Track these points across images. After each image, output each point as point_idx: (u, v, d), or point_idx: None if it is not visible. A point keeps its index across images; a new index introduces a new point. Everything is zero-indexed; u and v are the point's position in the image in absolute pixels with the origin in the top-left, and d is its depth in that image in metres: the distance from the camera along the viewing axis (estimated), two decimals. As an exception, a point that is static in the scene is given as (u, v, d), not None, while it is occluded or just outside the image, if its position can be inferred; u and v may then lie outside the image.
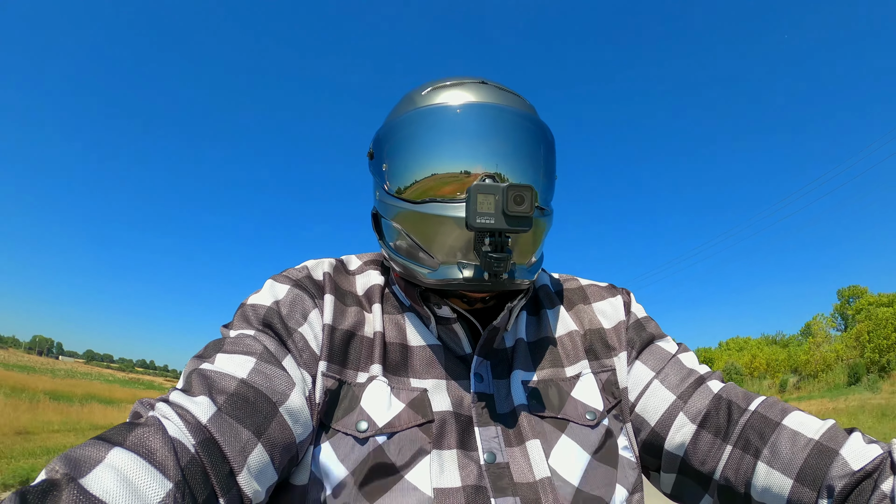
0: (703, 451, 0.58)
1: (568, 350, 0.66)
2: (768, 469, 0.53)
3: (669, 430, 0.60)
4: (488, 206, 0.52)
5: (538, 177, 0.62)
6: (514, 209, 0.51)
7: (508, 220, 0.52)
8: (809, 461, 0.51)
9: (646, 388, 0.63)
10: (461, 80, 0.64)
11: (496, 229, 0.52)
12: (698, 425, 0.58)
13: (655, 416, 0.61)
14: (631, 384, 0.64)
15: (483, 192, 0.52)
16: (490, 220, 0.52)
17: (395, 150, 0.62)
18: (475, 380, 0.61)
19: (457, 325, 0.63)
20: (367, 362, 0.59)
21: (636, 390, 0.63)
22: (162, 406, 0.47)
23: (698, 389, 0.61)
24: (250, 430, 0.48)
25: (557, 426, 0.59)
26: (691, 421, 0.59)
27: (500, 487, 0.54)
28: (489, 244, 0.53)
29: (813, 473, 0.51)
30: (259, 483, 0.47)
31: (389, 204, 0.63)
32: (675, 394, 0.61)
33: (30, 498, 0.34)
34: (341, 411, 0.56)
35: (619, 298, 0.71)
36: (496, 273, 0.54)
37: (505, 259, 0.53)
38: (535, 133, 0.63)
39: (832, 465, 0.50)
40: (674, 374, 0.63)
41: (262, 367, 0.52)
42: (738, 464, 0.55)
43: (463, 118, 0.60)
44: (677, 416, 0.60)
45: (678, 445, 0.59)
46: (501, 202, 0.52)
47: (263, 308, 0.58)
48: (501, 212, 0.52)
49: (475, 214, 0.52)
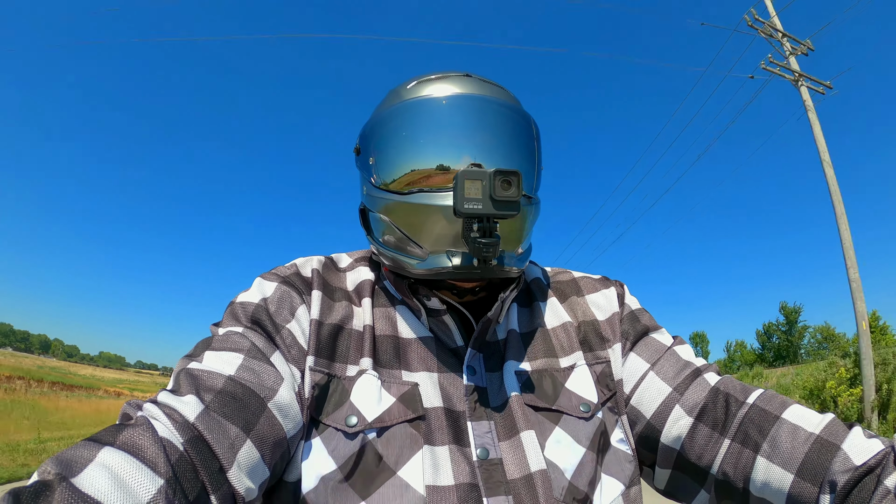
0: (701, 445, 0.56)
1: (562, 341, 0.66)
2: (768, 463, 0.52)
3: (665, 422, 0.59)
4: (476, 191, 0.52)
5: (524, 165, 0.62)
6: (501, 194, 0.51)
7: (496, 205, 0.52)
8: (810, 455, 0.50)
9: (641, 379, 0.62)
10: (446, 73, 0.65)
11: (484, 214, 0.52)
12: (695, 418, 0.57)
13: (651, 409, 0.60)
14: (626, 376, 0.63)
15: (470, 178, 0.52)
16: (478, 206, 0.52)
17: (381, 143, 0.63)
18: (468, 372, 0.60)
19: (447, 316, 0.63)
20: (357, 356, 0.59)
21: (631, 382, 0.62)
22: (150, 407, 0.47)
23: (695, 381, 0.60)
24: (239, 426, 0.48)
25: (551, 418, 0.58)
26: (688, 414, 0.58)
27: (493, 486, 0.53)
28: (477, 230, 0.53)
29: (814, 468, 0.49)
30: (250, 479, 0.47)
31: (376, 197, 0.63)
32: (671, 386, 0.60)
33: (23, 498, 0.35)
34: (331, 406, 0.55)
35: (612, 290, 0.71)
36: (485, 258, 0.54)
37: (493, 244, 0.53)
38: (521, 123, 0.63)
39: (834, 459, 0.49)
40: (669, 365, 0.62)
41: (250, 363, 0.52)
42: (737, 458, 0.54)
43: (448, 109, 0.60)
44: (673, 408, 0.59)
45: (674, 439, 0.58)
46: (489, 187, 0.52)
47: (252, 305, 0.58)
48: (489, 197, 0.52)
49: (463, 200, 0.52)
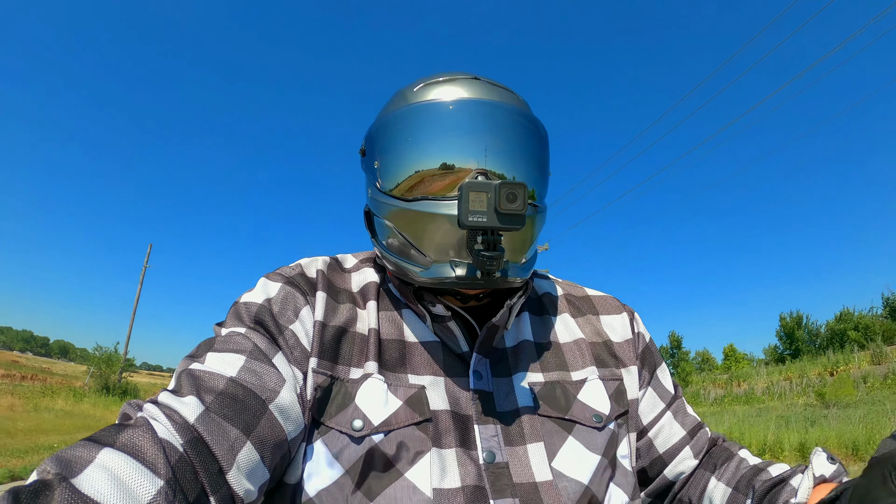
0: (695, 483, 0.67)
1: (576, 355, 0.66)
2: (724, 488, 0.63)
3: (674, 459, 0.68)
4: (480, 203, 0.51)
5: (532, 173, 0.61)
6: (506, 207, 0.50)
7: (501, 219, 0.51)
8: (748, 478, 0.62)
9: (658, 417, 0.69)
10: (453, 75, 0.64)
11: (488, 227, 0.51)
12: (699, 461, 0.68)
13: (665, 446, 0.68)
14: (643, 409, 0.68)
15: (475, 190, 0.51)
16: (482, 219, 0.51)
17: (386, 147, 0.62)
18: (474, 377, 0.60)
19: (452, 322, 0.63)
20: (361, 359, 0.59)
21: (648, 416, 0.69)
22: (150, 407, 0.47)
23: (700, 431, 0.70)
24: (239, 428, 0.48)
25: (564, 427, 0.59)
26: (695, 457, 0.67)
27: (499, 488, 0.53)
28: (481, 242, 0.52)
29: (746, 485, 0.61)
30: (250, 481, 0.47)
31: (381, 202, 0.62)
32: (686, 430, 0.69)
33: (22, 497, 0.35)
34: (334, 408, 0.55)
35: (625, 315, 0.73)
36: (489, 272, 0.54)
37: (497, 258, 0.52)
38: (529, 129, 0.62)
39: (758, 475, 0.61)
40: (681, 413, 0.71)
41: (251, 364, 0.52)
42: (731, 500, 0.63)
43: (455, 114, 0.59)
44: (683, 449, 0.68)
45: (676, 474, 0.68)
46: (494, 200, 0.51)
47: (255, 306, 0.58)
48: (494, 210, 0.51)
49: (467, 213, 0.51)
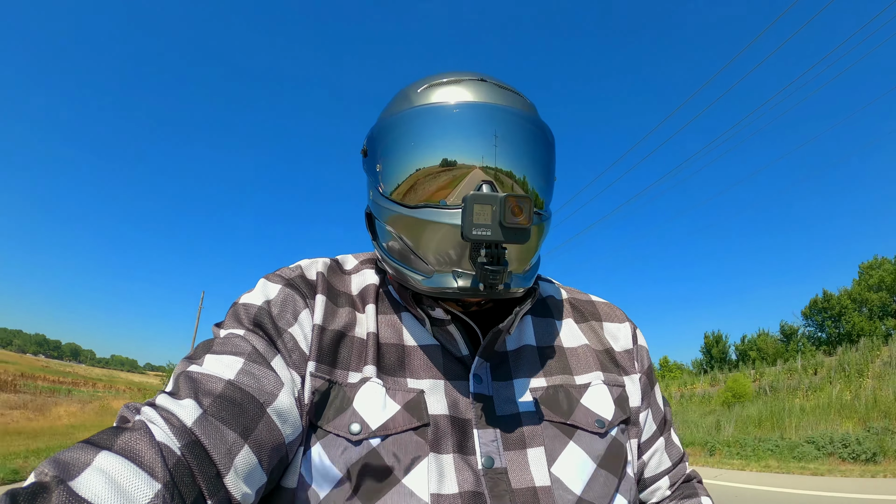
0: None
1: (580, 359, 0.66)
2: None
3: (653, 485, 0.71)
4: (485, 216, 0.49)
5: (538, 181, 0.59)
6: (511, 220, 0.49)
7: (505, 233, 0.49)
8: None
9: (651, 441, 0.70)
10: (459, 76, 0.61)
11: (493, 241, 0.50)
12: (672, 492, 0.71)
13: (651, 472, 0.71)
14: (641, 427, 0.68)
15: (480, 203, 0.49)
16: (486, 232, 0.49)
17: (389, 150, 0.60)
18: (474, 381, 0.59)
19: (452, 326, 0.62)
20: (360, 363, 0.58)
21: (643, 436, 0.69)
22: (148, 410, 0.47)
23: (680, 464, 0.73)
24: (237, 431, 0.47)
25: (565, 432, 0.58)
26: (669, 487, 0.71)
27: (498, 494, 0.53)
28: (485, 255, 0.51)
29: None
30: (247, 485, 0.47)
31: (383, 206, 0.61)
32: (671, 461, 0.72)
33: (20, 500, 0.35)
34: (332, 412, 0.55)
35: (628, 326, 0.73)
36: (491, 285, 0.53)
37: (501, 271, 0.51)
38: (535, 134, 0.60)
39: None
40: (670, 445, 0.73)
41: (250, 367, 0.52)
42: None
43: (460, 118, 0.57)
44: (663, 478, 0.71)
45: (649, 499, 0.72)
46: (498, 213, 0.49)
47: (254, 307, 0.58)
48: (498, 223, 0.49)
49: (471, 226, 0.49)
